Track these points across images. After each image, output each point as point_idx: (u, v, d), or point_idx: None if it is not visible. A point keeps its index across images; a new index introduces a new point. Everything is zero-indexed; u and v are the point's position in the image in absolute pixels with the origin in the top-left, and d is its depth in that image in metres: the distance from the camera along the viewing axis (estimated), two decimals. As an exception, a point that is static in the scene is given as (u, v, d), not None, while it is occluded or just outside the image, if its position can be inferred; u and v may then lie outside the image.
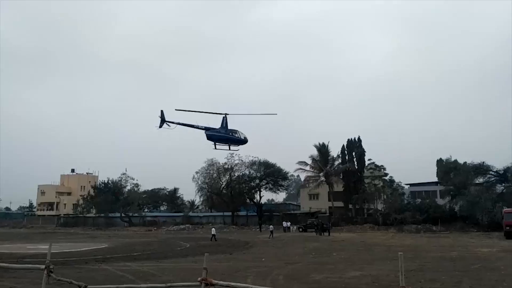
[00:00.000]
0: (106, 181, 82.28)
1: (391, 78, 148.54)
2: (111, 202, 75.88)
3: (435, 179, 68.64)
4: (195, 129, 34.91)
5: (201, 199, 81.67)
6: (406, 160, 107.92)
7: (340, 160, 68.50)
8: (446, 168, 62.44)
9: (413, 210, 57.16)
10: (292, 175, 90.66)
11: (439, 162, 69.02)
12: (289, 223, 59.85)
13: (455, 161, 61.78)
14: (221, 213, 76.10)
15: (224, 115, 35.09)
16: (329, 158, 68.43)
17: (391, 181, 65.92)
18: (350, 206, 66.64)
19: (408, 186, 72.31)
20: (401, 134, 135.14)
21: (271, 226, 51.72)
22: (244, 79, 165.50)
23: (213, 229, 45.85)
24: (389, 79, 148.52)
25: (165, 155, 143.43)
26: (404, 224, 54.47)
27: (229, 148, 36.13)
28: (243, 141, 36.04)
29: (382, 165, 66.42)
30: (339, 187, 67.52)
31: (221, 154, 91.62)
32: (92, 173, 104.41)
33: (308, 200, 77.00)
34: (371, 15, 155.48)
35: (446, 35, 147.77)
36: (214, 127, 35.05)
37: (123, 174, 79.33)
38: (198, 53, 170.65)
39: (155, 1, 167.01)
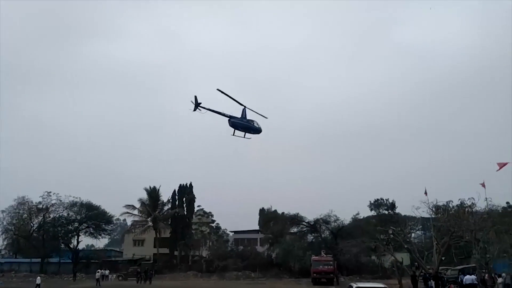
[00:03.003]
0: None
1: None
2: None
3: (257, 227, 73.05)
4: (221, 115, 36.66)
5: (5, 243, 70.14)
6: (234, 207, 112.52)
7: (170, 205, 67.62)
8: (267, 217, 67.01)
9: (235, 257, 59.12)
10: (117, 219, 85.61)
11: (262, 211, 73.87)
12: (107, 271, 55.62)
13: (275, 211, 66.71)
14: (28, 260, 66.25)
15: (244, 107, 37.04)
16: (159, 202, 66.77)
17: (218, 228, 67.70)
18: (176, 253, 65.64)
19: (233, 233, 75.19)
20: (230, 183, 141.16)
21: (98, 272, 47.75)
22: (74, 113, 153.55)
23: (39, 277, 39.87)
24: (222, 135, 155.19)
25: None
26: (226, 271, 55.79)
27: (244, 136, 37.54)
28: (259, 131, 37.91)
29: (210, 212, 68.06)
30: (166, 233, 66.08)
31: (35, 192, 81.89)
32: None
33: (133, 246, 73.37)
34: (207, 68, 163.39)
35: (274, 98, 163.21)
36: (236, 115, 37.11)
37: None
38: (27, 80, 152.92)
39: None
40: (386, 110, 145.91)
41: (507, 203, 49.88)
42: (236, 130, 37.29)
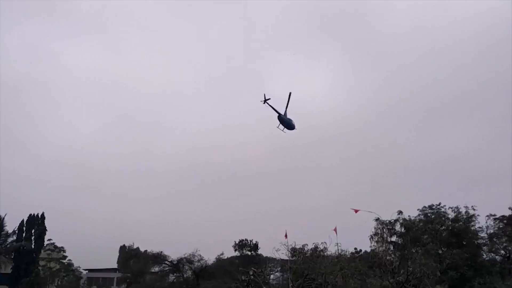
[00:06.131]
0: None
1: (87, 162, 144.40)
2: None
3: (116, 266, 68.40)
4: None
5: None
6: (93, 243, 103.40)
7: (15, 237, 60.08)
8: (128, 255, 63.29)
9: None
10: None
11: (122, 248, 69.48)
12: None
13: (137, 248, 63.29)
14: None
15: (285, 108, 44.14)
16: (2, 233, 59.24)
17: (70, 264, 62.01)
18: (17, 291, 57.85)
19: (87, 271, 69.32)
20: (91, 218, 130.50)
21: None
22: None
23: None
24: (83, 162, 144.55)
25: None
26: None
27: (283, 130, 44.38)
28: (294, 128, 45.18)
29: (62, 247, 62.39)
30: (7, 269, 58.39)
31: None
32: None
33: (-38, 283, 62.84)
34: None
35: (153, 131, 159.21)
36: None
37: None
38: None
39: None
40: (255, 155, 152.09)
41: (355, 248, 54.81)
42: (280, 125, 44.25)
